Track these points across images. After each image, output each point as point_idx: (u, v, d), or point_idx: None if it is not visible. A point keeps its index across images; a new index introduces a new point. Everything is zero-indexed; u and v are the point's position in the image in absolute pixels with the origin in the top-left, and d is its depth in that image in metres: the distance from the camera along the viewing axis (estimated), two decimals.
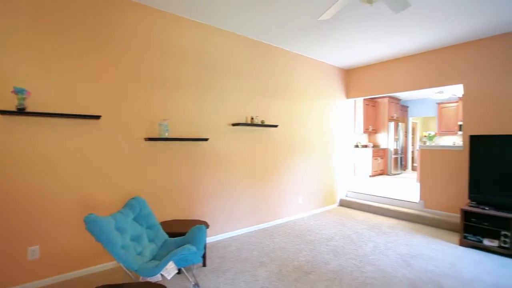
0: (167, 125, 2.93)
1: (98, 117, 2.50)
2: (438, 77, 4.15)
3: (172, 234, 2.52)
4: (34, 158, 2.30)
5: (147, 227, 2.38)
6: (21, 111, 2.15)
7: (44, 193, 2.35)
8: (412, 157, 10.00)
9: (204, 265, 2.75)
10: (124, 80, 2.74)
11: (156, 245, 2.32)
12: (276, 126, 3.95)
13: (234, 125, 3.58)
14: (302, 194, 4.55)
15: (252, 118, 3.73)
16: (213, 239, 3.43)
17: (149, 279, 1.93)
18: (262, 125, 3.76)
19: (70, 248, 2.48)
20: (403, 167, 9.15)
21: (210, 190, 3.40)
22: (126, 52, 2.75)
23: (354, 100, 6.08)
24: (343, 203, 5.26)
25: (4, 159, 2.18)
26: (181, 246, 2.00)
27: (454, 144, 7.84)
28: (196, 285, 2.37)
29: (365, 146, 8.08)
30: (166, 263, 1.85)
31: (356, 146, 7.74)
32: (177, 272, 2.57)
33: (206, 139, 3.22)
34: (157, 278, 1.92)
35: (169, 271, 1.87)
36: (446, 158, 4.05)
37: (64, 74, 2.42)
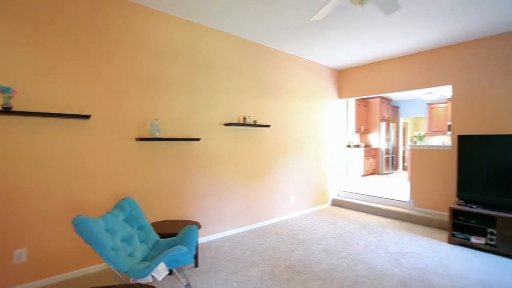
0: (158, 125, 2.91)
1: (87, 117, 2.45)
2: (428, 78, 4.22)
3: (164, 235, 2.50)
4: (20, 158, 2.25)
5: (138, 228, 2.35)
6: (7, 111, 2.09)
7: (31, 194, 2.30)
8: (403, 157, 10.15)
9: (196, 265, 2.73)
10: (114, 79, 2.70)
11: (147, 246, 2.30)
12: (268, 126, 3.96)
13: (226, 125, 3.57)
14: (294, 194, 4.57)
15: (245, 118, 3.73)
16: (206, 239, 3.41)
17: (139, 280, 1.91)
18: (255, 125, 3.76)
19: (59, 250, 2.43)
20: (394, 166, 9.28)
21: (202, 190, 3.38)
22: (118, 51, 2.72)
23: (346, 100, 6.14)
24: (335, 203, 5.31)
25: None
26: (172, 247, 1.98)
27: (443, 144, 7.99)
28: (187, 286, 2.35)
29: (357, 146, 8.17)
30: (157, 264, 1.84)
31: (348, 146, 7.81)
32: (169, 273, 2.55)
33: (198, 139, 3.20)
34: (147, 280, 1.89)
35: (160, 272, 1.85)
36: (436, 158, 4.13)
37: (53, 72, 2.38)
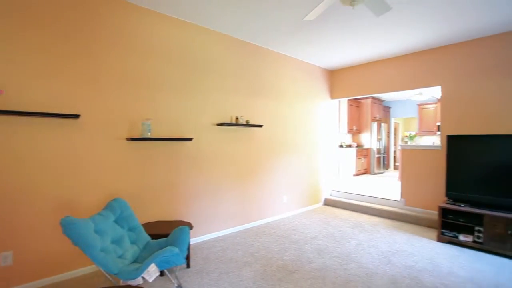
0: (149, 125, 2.88)
1: (77, 116, 2.41)
2: (418, 79, 4.29)
3: (155, 236, 2.48)
4: (8, 158, 2.19)
5: (129, 229, 2.32)
6: None
7: (18, 196, 2.24)
8: (394, 157, 10.29)
9: (188, 266, 2.71)
10: (105, 79, 2.66)
11: (138, 248, 2.27)
12: (261, 126, 3.96)
13: (218, 125, 3.56)
14: (287, 194, 4.58)
15: (237, 118, 3.72)
16: (198, 240, 3.39)
17: (130, 282, 1.88)
18: (247, 125, 3.75)
19: (47, 252, 2.38)
20: (386, 166, 9.41)
21: (195, 191, 3.36)
22: (109, 49, 2.67)
23: (339, 101, 6.19)
24: (328, 202, 5.35)
25: None
26: (164, 248, 1.96)
27: (433, 144, 8.13)
28: (179, 287, 2.34)
29: (349, 146, 8.24)
30: (148, 266, 1.82)
31: (341, 146, 7.88)
32: (160, 274, 2.54)
33: (190, 139, 3.18)
34: (138, 281, 1.87)
35: (150, 273, 1.83)
36: (426, 158, 4.20)
37: (41, 71, 2.32)
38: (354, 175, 7.69)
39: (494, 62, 3.57)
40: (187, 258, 2.68)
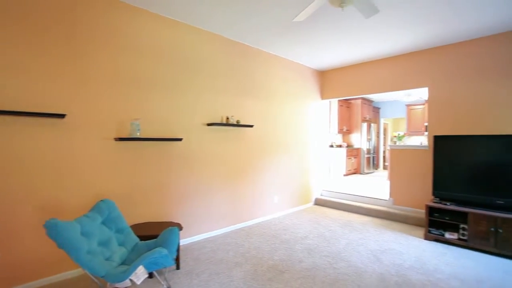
0: (138, 125, 2.83)
1: (62, 116, 2.35)
2: (407, 80, 4.37)
3: (144, 237, 2.45)
4: None
5: (116, 231, 2.28)
6: None
7: (2, 197, 2.17)
8: (384, 157, 10.46)
9: (177, 267, 2.69)
10: (92, 78, 2.61)
11: (126, 249, 2.23)
12: (251, 126, 3.96)
13: (209, 125, 3.54)
14: (278, 194, 4.60)
15: (228, 118, 3.71)
16: (188, 240, 3.36)
17: (117, 285, 1.85)
18: (238, 125, 3.74)
19: (32, 256, 2.31)
20: (375, 166, 9.55)
21: (185, 191, 3.33)
22: (96, 47, 2.62)
23: (329, 101, 6.26)
24: (318, 202, 5.39)
25: None
26: (152, 250, 1.93)
27: (421, 144, 8.30)
28: None
29: (340, 146, 8.33)
30: (135, 268, 1.79)
31: (331, 146, 7.95)
32: (149, 276, 2.50)
33: (180, 139, 3.15)
34: (126, 284, 1.84)
35: (138, 275, 1.80)
36: (414, 157, 4.28)
37: (25, 69, 2.26)
38: (345, 175, 7.78)
39: (479, 64, 3.67)
40: (177, 259, 2.66)
